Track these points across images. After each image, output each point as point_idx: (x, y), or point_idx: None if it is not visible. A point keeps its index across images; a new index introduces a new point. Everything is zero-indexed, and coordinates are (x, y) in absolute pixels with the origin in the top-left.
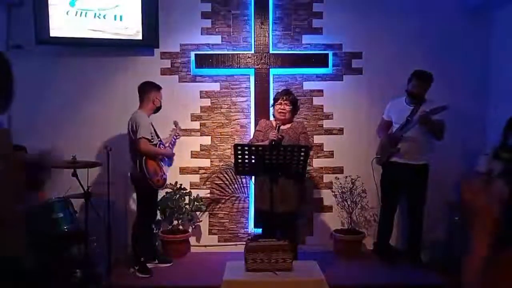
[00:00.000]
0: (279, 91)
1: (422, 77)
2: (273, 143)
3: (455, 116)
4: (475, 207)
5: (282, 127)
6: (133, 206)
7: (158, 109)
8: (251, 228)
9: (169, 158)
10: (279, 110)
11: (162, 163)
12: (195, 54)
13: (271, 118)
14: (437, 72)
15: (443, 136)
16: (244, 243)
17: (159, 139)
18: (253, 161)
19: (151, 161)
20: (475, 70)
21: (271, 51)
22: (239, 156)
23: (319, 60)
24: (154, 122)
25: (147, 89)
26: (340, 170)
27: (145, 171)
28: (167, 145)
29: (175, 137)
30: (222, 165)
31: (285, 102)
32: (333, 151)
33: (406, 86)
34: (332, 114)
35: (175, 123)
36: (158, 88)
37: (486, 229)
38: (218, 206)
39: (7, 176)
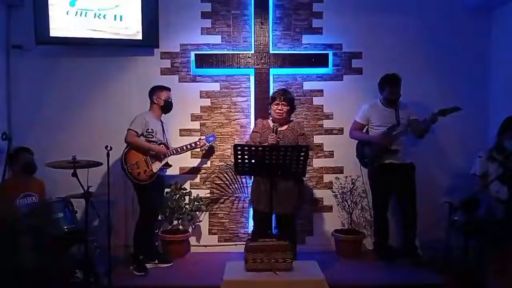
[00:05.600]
0: (276, 90)
1: (395, 81)
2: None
3: (454, 115)
4: None
5: (279, 128)
6: (133, 206)
7: (164, 108)
8: (251, 228)
9: (163, 169)
10: (277, 111)
11: (151, 160)
12: (195, 54)
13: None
14: (437, 71)
15: (425, 135)
16: (244, 243)
17: (165, 141)
18: (253, 161)
19: (134, 153)
20: (475, 70)
21: (271, 51)
22: (239, 156)
23: (319, 60)
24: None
25: (150, 92)
26: (340, 170)
27: (122, 160)
28: (172, 147)
29: (191, 145)
30: (222, 165)
31: (282, 102)
32: (333, 151)
33: (379, 93)
34: (332, 114)
35: (211, 136)
36: (160, 88)
37: None
38: (218, 206)
39: None
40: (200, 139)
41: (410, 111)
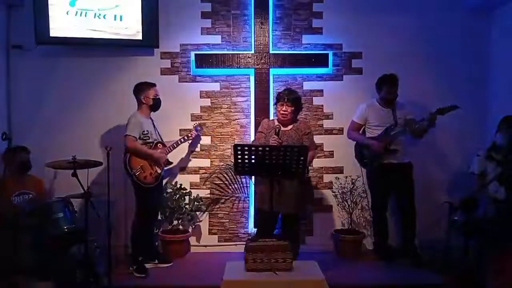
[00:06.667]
0: (281, 90)
1: (393, 81)
2: None
3: (454, 115)
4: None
5: (284, 128)
6: (133, 206)
7: (153, 106)
8: (251, 228)
9: (162, 163)
10: (281, 112)
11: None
12: (195, 54)
13: (272, 117)
14: (437, 71)
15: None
16: (244, 243)
17: (160, 139)
18: (253, 161)
19: (137, 158)
20: (474, 69)
21: (271, 51)
22: (239, 156)
23: (319, 60)
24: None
25: (136, 91)
26: (340, 170)
27: (128, 166)
28: (169, 145)
29: (185, 138)
30: (222, 165)
31: (287, 103)
32: (333, 151)
33: (377, 93)
34: (332, 114)
35: (198, 126)
36: (148, 86)
37: None
38: (218, 206)
39: None
40: (190, 131)
41: (407, 111)
